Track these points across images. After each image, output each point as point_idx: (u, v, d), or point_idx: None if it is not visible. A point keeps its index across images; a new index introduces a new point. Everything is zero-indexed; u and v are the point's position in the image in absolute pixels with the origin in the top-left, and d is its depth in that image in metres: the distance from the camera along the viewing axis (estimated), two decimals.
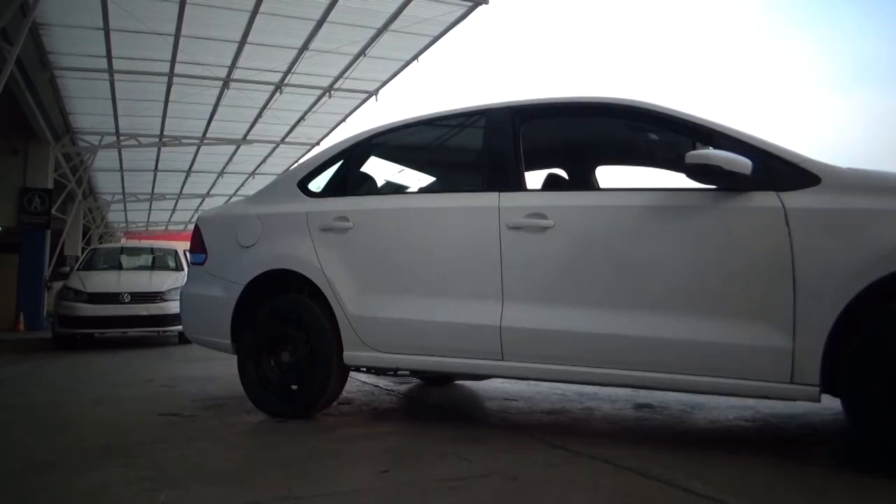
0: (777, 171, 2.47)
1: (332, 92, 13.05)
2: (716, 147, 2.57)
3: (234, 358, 3.58)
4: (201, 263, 3.81)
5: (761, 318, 2.39)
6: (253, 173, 20.06)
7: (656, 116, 2.83)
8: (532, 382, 4.37)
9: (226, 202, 18.49)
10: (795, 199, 2.39)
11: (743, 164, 2.43)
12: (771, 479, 2.23)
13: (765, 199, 2.44)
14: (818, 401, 2.34)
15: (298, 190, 3.60)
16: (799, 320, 2.32)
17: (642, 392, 3.87)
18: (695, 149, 2.67)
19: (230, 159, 18.28)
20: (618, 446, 2.71)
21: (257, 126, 15.09)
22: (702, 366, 2.48)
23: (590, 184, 3.94)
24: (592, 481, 2.22)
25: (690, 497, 2.04)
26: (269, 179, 15.25)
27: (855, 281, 2.22)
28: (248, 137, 15.87)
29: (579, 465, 2.42)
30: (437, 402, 4.03)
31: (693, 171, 2.51)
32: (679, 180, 2.76)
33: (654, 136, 3.38)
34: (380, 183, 3.72)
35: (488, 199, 2.98)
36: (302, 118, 14.73)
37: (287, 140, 16.45)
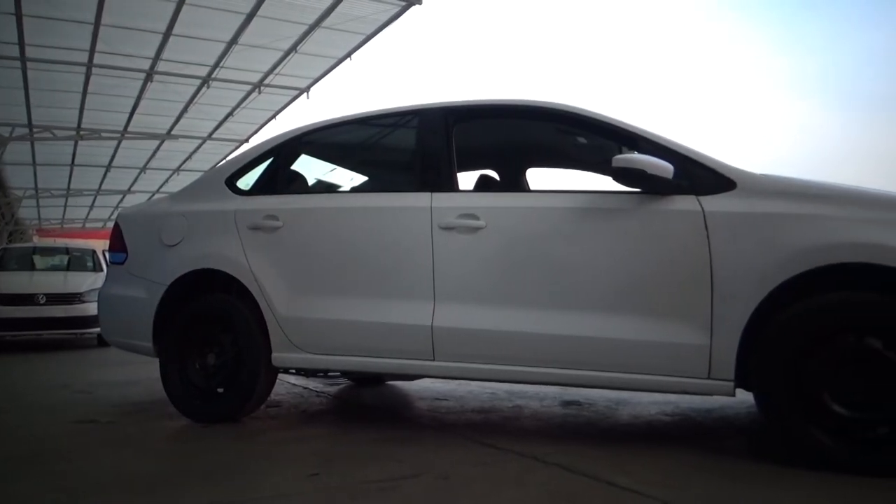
0: (697, 175, 2.58)
1: (262, 88, 12.78)
2: (641, 151, 2.67)
3: (156, 361, 3.45)
4: (121, 263, 3.66)
5: (681, 317, 2.49)
6: (178, 170, 19.42)
7: (585, 121, 2.91)
8: (463, 382, 4.40)
9: (148, 199, 17.82)
10: (713, 203, 2.51)
11: (665, 168, 2.53)
12: (690, 471, 2.33)
13: (685, 203, 2.55)
14: (733, 395, 2.46)
15: (226, 187, 3.51)
16: (716, 319, 2.43)
17: (570, 389, 3.96)
18: (621, 153, 2.77)
19: (153, 155, 17.63)
20: (546, 443, 2.77)
21: (183, 121, 14.60)
22: (626, 363, 2.57)
23: (520, 185, 4.00)
24: (521, 478, 2.26)
25: (615, 490, 2.10)
26: (194, 176, 14.74)
27: (766, 281, 2.35)
28: (173, 132, 15.33)
29: (509, 462, 2.46)
30: (367, 403, 4.01)
31: (619, 175, 2.59)
32: (606, 183, 2.85)
33: (582, 140, 3.47)
34: (311, 181, 3.66)
35: (420, 199, 2.98)
36: (230, 114, 14.37)
37: (214, 136, 15.99)
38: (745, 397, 2.61)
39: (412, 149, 3.25)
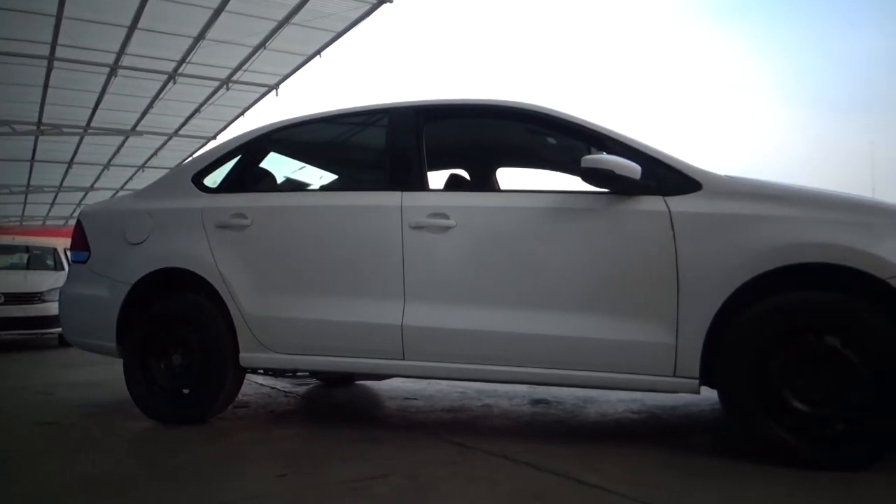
0: (663, 176, 2.62)
1: (230, 84, 12.59)
2: (609, 152, 2.70)
3: (120, 362, 3.38)
4: (84, 262, 3.57)
5: (648, 316, 2.53)
6: (143, 166, 19.03)
7: (554, 121, 2.93)
8: (433, 381, 4.41)
9: (112, 197, 17.45)
10: (679, 204, 2.55)
11: (633, 169, 2.57)
12: (656, 467, 2.37)
13: (652, 203, 2.59)
14: (698, 392, 2.51)
15: (193, 185, 3.45)
16: (681, 318, 2.47)
17: (539, 388, 3.99)
18: (590, 153, 2.80)
19: (117, 151, 17.25)
20: (515, 441, 2.78)
21: (148, 116, 14.31)
22: (595, 362, 2.60)
23: (491, 185, 4.02)
24: (490, 477, 2.28)
25: (583, 488, 2.13)
26: (160, 174, 14.49)
27: (730, 281, 2.40)
28: (138, 128, 15.02)
29: (478, 461, 2.47)
30: (336, 403, 3.99)
31: (587, 175, 2.62)
32: (575, 183, 2.88)
33: (552, 140, 3.50)
34: (280, 179, 3.62)
35: (391, 198, 2.98)
36: (197, 110, 14.13)
37: (181, 133, 15.71)
38: (709, 395, 2.66)
39: (382, 147, 3.24)
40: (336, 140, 3.82)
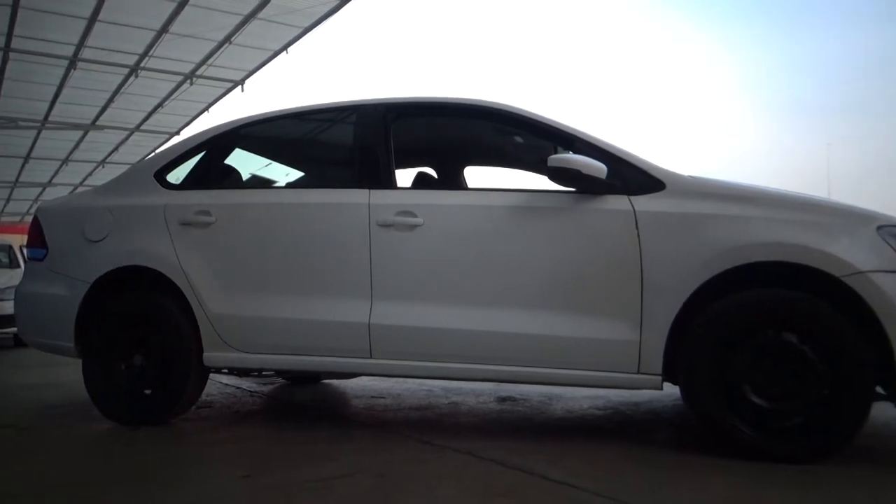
0: (628, 176, 2.66)
1: (195, 79, 12.39)
2: (576, 152, 2.73)
3: (79, 362, 3.30)
4: (41, 259, 3.47)
5: (613, 314, 2.57)
6: (103, 162, 18.60)
7: (521, 120, 2.95)
8: (400, 379, 4.40)
9: (71, 192, 17.02)
10: (644, 203, 2.59)
11: (599, 168, 2.60)
12: (621, 462, 2.40)
13: (617, 203, 2.62)
14: (661, 388, 2.55)
15: (155, 181, 3.38)
16: (645, 315, 2.51)
17: (505, 385, 4.02)
18: (556, 153, 2.82)
19: (76, 146, 16.82)
20: (482, 439, 2.80)
21: (109, 111, 14.00)
22: (561, 359, 2.63)
23: (458, 183, 4.02)
24: (458, 474, 2.28)
25: (549, 484, 2.15)
26: (121, 169, 14.18)
27: (692, 279, 2.45)
28: (99, 123, 14.67)
29: (445, 459, 2.47)
30: (302, 403, 3.95)
31: (554, 174, 2.64)
32: (542, 182, 2.90)
33: (519, 139, 3.52)
34: (245, 176, 3.57)
35: (358, 195, 2.96)
36: (160, 105, 13.87)
37: (143, 128, 15.40)
38: (672, 391, 2.71)
39: (350, 145, 3.22)
40: (303, 137, 3.78)
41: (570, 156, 2.66)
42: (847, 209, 2.53)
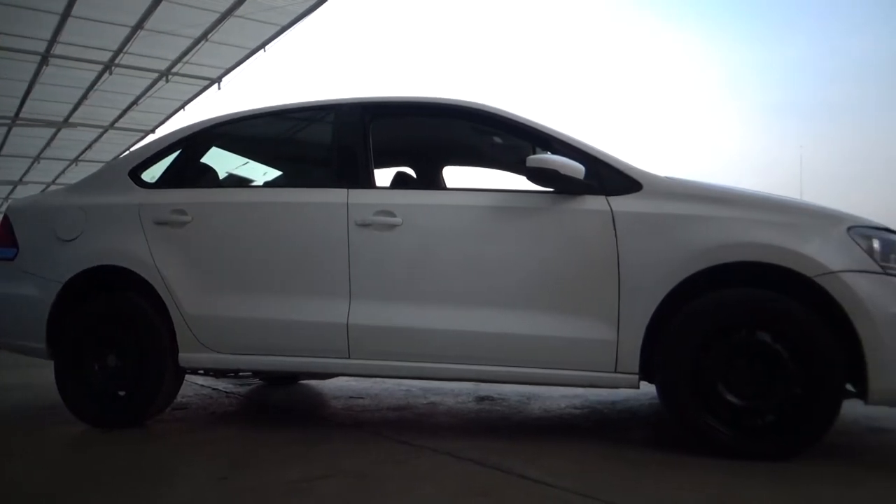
0: (606, 177, 2.69)
1: (170, 76, 12.23)
2: (554, 152, 2.75)
3: (51, 364, 3.24)
4: (11, 259, 3.40)
5: (591, 314, 2.59)
6: (76, 160, 18.27)
7: (500, 120, 2.96)
8: (378, 380, 4.39)
9: (42, 191, 16.71)
10: (621, 204, 2.62)
11: (577, 169, 2.62)
12: (598, 461, 2.42)
13: (595, 203, 2.64)
14: (637, 387, 2.58)
15: (130, 180, 3.33)
16: (622, 315, 2.54)
17: (484, 385, 4.03)
18: (535, 153, 2.83)
19: (48, 143, 16.51)
20: (461, 439, 2.80)
21: (82, 108, 13.76)
22: (538, 358, 2.64)
23: (437, 183, 4.03)
24: (436, 474, 2.28)
25: (527, 483, 2.16)
26: (94, 167, 13.95)
27: (669, 279, 2.48)
28: (71, 120, 14.41)
29: (424, 459, 2.47)
30: (280, 404, 3.92)
31: (533, 174, 2.66)
32: (520, 182, 2.91)
33: (498, 139, 3.53)
34: (222, 175, 3.54)
35: (337, 195, 2.95)
36: (135, 102, 13.67)
37: (118, 125, 15.16)
38: (648, 390, 2.73)
39: (329, 144, 3.21)
40: (281, 136, 3.75)
41: (549, 156, 2.67)
42: (818, 210, 2.58)
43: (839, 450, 2.55)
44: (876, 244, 2.40)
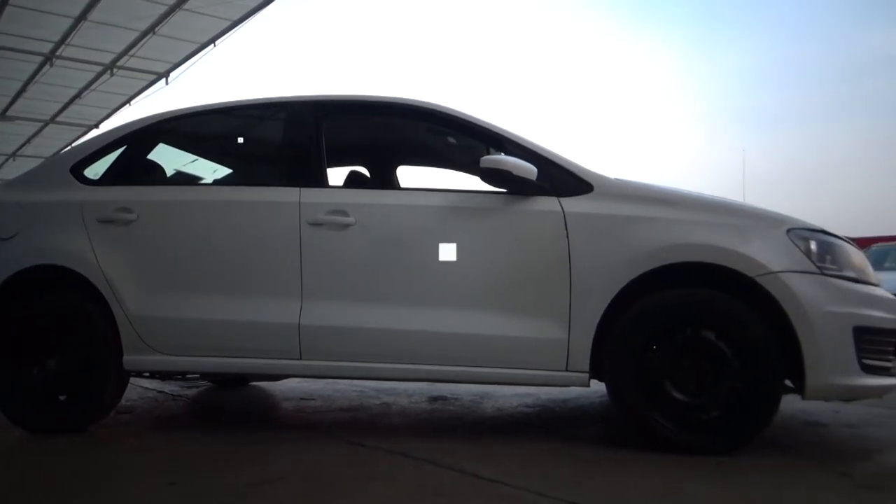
0: (558, 178, 2.73)
1: (115, 70, 11.88)
2: (507, 153, 2.77)
3: None
4: None
5: (542, 313, 2.62)
6: (13, 155, 17.60)
7: (454, 121, 2.97)
8: (330, 380, 4.35)
9: None
10: (572, 205, 2.66)
11: (530, 170, 2.65)
12: (550, 458, 2.46)
13: (547, 204, 2.68)
14: (588, 385, 2.63)
15: (71, 176, 3.22)
16: (573, 314, 2.58)
17: (437, 385, 4.03)
18: (488, 154, 2.85)
19: None
20: (414, 439, 2.80)
21: (21, 101, 13.24)
22: (491, 358, 2.66)
23: (391, 183, 4.02)
24: (390, 474, 2.28)
25: (480, 482, 2.17)
26: (34, 163, 13.42)
27: (618, 279, 2.53)
28: (8, 113, 13.85)
29: (378, 459, 2.46)
30: (230, 406, 3.85)
31: (486, 175, 2.68)
32: (473, 182, 2.93)
33: (452, 140, 3.54)
34: (170, 172, 3.45)
35: (289, 194, 2.91)
36: (78, 96, 13.23)
37: (59, 119, 14.65)
38: (598, 387, 2.79)
39: (280, 142, 3.16)
40: (231, 133, 3.68)
41: (502, 157, 2.70)
42: (760, 212, 2.67)
43: (779, 443, 2.65)
44: (813, 245, 2.50)
